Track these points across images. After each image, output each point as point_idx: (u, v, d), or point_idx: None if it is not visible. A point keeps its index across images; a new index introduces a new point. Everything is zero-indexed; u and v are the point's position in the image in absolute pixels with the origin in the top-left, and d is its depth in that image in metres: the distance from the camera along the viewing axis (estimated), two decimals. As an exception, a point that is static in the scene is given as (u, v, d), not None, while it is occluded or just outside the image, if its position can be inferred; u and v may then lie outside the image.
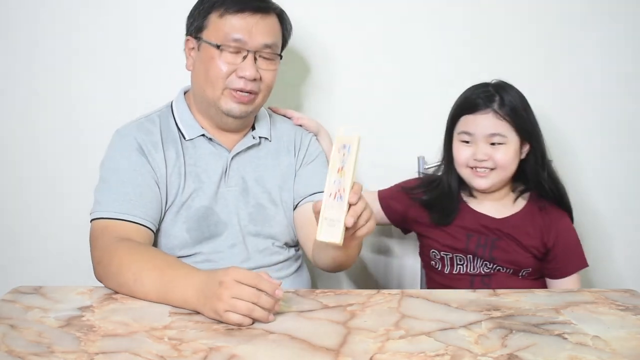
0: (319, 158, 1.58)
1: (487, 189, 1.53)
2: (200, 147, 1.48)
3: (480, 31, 1.80)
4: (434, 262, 1.60)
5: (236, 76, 1.41)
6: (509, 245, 1.53)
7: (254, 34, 1.41)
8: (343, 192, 1.10)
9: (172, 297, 1.17)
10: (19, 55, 1.79)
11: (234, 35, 1.41)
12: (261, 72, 1.43)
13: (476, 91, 1.53)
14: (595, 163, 1.86)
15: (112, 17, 1.77)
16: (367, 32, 1.80)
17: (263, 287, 1.09)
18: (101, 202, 1.38)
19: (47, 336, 1.05)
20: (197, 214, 1.44)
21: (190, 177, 1.45)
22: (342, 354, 1.00)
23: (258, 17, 1.42)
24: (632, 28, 1.81)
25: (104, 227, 1.35)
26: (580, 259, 1.56)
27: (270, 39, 1.44)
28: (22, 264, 1.87)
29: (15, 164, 1.84)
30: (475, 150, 1.50)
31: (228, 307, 1.08)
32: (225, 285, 1.09)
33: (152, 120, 1.48)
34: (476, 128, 1.50)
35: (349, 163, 1.09)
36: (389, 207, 1.65)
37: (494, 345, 1.03)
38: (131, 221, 1.35)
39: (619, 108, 1.84)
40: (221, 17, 1.42)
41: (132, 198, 1.37)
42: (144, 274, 1.21)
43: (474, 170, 1.51)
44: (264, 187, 1.50)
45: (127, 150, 1.42)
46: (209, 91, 1.43)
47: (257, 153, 1.52)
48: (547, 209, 1.55)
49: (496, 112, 1.48)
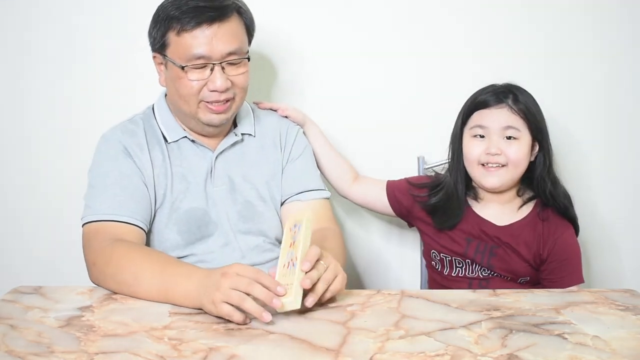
0: (305, 153, 1.57)
1: (497, 188, 1.52)
2: (185, 147, 1.48)
3: (482, 30, 1.80)
4: (434, 263, 1.60)
5: (208, 90, 1.39)
6: (507, 254, 1.52)
7: (216, 45, 1.37)
8: (295, 261, 1.14)
9: (173, 294, 1.17)
10: (7, 55, 1.79)
11: (195, 52, 1.37)
12: (232, 78, 1.41)
13: (488, 90, 1.53)
14: (596, 163, 1.86)
15: (105, 18, 1.77)
16: (367, 31, 1.80)
17: (263, 281, 1.09)
18: (91, 206, 1.38)
19: (47, 336, 1.05)
20: (187, 215, 1.44)
21: (176, 178, 1.45)
22: (342, 354, 1.00)
23: (216, 27, 1.36)
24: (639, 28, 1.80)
25: (95, 230, 1.34)
26: (575, 274, 1.52)
27: (234, 45, 1.39)
28: (22, 264, 1.87)
29: (15, 164, 1.84)
30: (489, 145, 1.49)
31: (223, 296, 1.08)
32: (227, 276, 1.10)
33: (136, 122, 1.48)
34: (491, 121, 1.49)
35: (298, 239, 1.17)
36: (395, 199, 1.64)
37: (494, 345, 1.03)
38: (123, 221, 1.35)
39: (625, 109, 1.84)
40: (179, 36, 1.37)
41: (122, 199, 1.37)
42: (144, 272, 1.21)
43: (485, 167, 1.51)
44: (252, 184, 1.50)
45: (113, 153, 1.42)
46: (184, 107, 1.43)
47: (241, 150, 1.52)
48: (550, 219, 1.53)
49: (511, 107, 1.49)
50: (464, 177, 1.56)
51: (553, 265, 1.52)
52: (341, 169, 1.68)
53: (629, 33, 1.80)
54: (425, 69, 1.82)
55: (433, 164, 1.77)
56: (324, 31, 1.79)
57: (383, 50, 1.81)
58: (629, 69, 1.81)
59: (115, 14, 1.77)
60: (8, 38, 1.78)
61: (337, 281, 1.18)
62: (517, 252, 1.52)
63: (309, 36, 1.79)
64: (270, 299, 1.09)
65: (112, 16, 1.78)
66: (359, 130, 1.83)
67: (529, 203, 1.56)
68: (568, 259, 1.52)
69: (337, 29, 1.80)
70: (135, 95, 1.67)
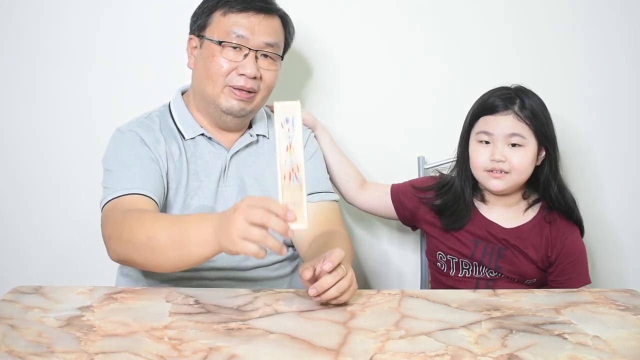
0: (316, 156, 1.58)
1: (502, 192, 1.52)
2: (200, 145, 1.48)
3: (484, 31, 1.80)
4: (439, 264, 1.60)
5: (237, 74, 1.42)
6: (515, 256, 1.52)
7: (256, 33, 1.42)
8: (298, 172, 1.05)
9: (190, 243, 1.16)
10: (23, 54, 1.79)
11: (237, 31, 1.42)
12: (262, 71, 1.44)
13: (496, 93, 1.52)
14: (601, 164, 1.86)
15: (119, 16, 1.78)
16: (368, 33, 1.80)
17: (273, 209, 1.07)
18: (108, 187, 1.38)
19: (47, 336, 1.05)
20: (197, 212, 1.43)
21: (192, 175, 1.45)
22: (342, 354, 1.00)
23: (261, 17, 1.43)
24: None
25: (112, 207, 1.34)
26: (582, 275, 1.53)
27: (272, 38, 1.45)
28: (22, 264, 1.87)
29: (15, 165, 1.84)
30: (494, 151, 1.49)
31: (242, 232, 1.06)
32: (239, 210, 1.07)
33: (152, 119, 1.49)
34: (496, 128, 1.49)
35: (296, 138, 1.04)
36: (400, 202, 1.64)
37: (494, 345, 1.03)
38: (137, 193, 1.35)
39: (631, 112, 1.84)
40: (224, 16, 1.43)
41: (138, 177, 1.37)
42: (157, 230, 1.20)
43: (490, 172, 1.51)
44: (263, 186, 1.50)
45: (130, 142, 1.43)
46: (209, 88, 1.44)
47: (255, 151, 1.52)
48: (556, 222, 1.53)
49: (517, 114, 1.47)
50: (471, 179, 1.56)
51: (561, 267, 1.52)
52: (349, 175, 1.68)
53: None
54: (425, 70, 1.82)
55: (433, 164, 1.77)
56: (323, 33, 1.80)
57: (383, 52, 1.81)
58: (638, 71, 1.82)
59: (133, 15, 1.78)
60: (25, 38, 1.78)
61: (348, 293, 1.18)
62: (525, 254, 1.52)
63: (309, 37, 1.79)
64: (285, 231, 1.07)
65: (127, 17, 1.78)
66: (359, 130, 1.83)
67: (534, 206, 1.55)
68: (576, 261, 1.53)
69: (337, 31, 1.80)
70: (152, 95, 1.67)
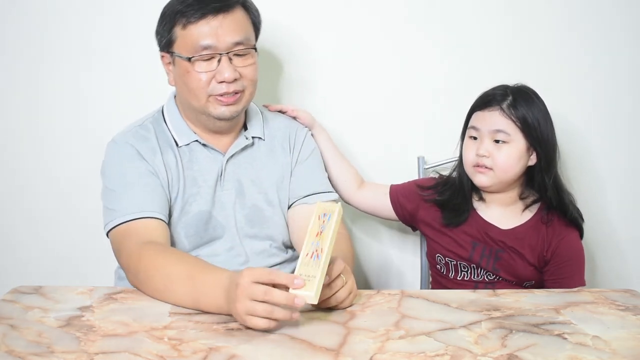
0: (313, 155, 1.57)
1: (487, 188, 1.52)
2: (196, 151, 1.47)
3: (484, 31, 1.80)
4: (439, 266, 1.60)
5: (216, 82, 1.39)
6: (512, 257, 1.52)
7: (222, 35, 1.37)
8: (321, 252, 1.10)
9: (205, 305, 1.16)
10: (21, 55, 1.79)
11: (202, 42, 1.37)
12: (240, 69, 1.40)
13: (492, 90, 1.53)
14: (603, 164, 1.85)
15: (117, 16, 1.77)
16: (368, 31, 1.80)
17: (278, 281, 1.07)
18: (114, 209, 1.37)
19: (47, 336, 1.05)
20: (196, 219, 1.44)
21: (189, 181, 1.45)
22: (342, 354, 1.00)
23: (221, 18, 1.38)
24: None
25: (124, 232, 1.33)
26: (577, 276, 1.53)
27: (239, 35, 1.40)
28: (22, 264, 1.86)
29: (15, 165, 1.84)
30: (479, 146, 1.50)
31: (248, 310, 1.06)
32: (241, 288, 1.06)
33: (146, 127, 1.47)
34: (482, 123, 1.50)
35: (327, 229, 1.13)
36: (399, 203, 1.64)
37: (494, 346, 1.03)
38: (149, 217, 1.34)
39: (632, 112, 1.83)
40: (185, 29, 1.38)
41: (144, 197, 1.37)
42: (173, 281, 1.20)
43: (477, 167, 1.51)
44: (260, 188, 1.50)
45: (127, 157, 1.42)
46: (194, 102, 1.42)
47: (252, 154, 1.51)
48: (554, 223, 1.53)
49: (503, 110, 1.48)
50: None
51: (555, 265, 1.52)
52: (348, 175, 1.67)
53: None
54: (425, 69, 1.81)
55: (433, 164, 1.77)
56: (323, 32, 1.79)
57: (383, 53, 1.80)
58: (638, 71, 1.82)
59: (129, 15, 1.77)
60: (23, 39, 1.78)
61: (348, 300, 1.18)
62: (522, 255, 1.52)
63: (309, 37, 1.79)
64: (291, 302, 1.05)
65: (126, 17, 1.77)
66: (358, 130, 1.83)
67: (532, 206, 1.55)
68: (570, 260, 1.53)
69: (337, 30, 1.79)
70: (149, 96, 1.66)
